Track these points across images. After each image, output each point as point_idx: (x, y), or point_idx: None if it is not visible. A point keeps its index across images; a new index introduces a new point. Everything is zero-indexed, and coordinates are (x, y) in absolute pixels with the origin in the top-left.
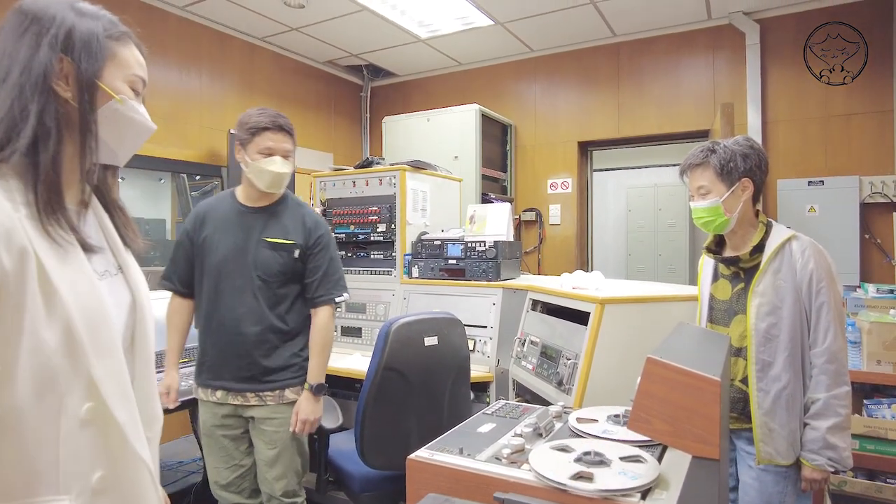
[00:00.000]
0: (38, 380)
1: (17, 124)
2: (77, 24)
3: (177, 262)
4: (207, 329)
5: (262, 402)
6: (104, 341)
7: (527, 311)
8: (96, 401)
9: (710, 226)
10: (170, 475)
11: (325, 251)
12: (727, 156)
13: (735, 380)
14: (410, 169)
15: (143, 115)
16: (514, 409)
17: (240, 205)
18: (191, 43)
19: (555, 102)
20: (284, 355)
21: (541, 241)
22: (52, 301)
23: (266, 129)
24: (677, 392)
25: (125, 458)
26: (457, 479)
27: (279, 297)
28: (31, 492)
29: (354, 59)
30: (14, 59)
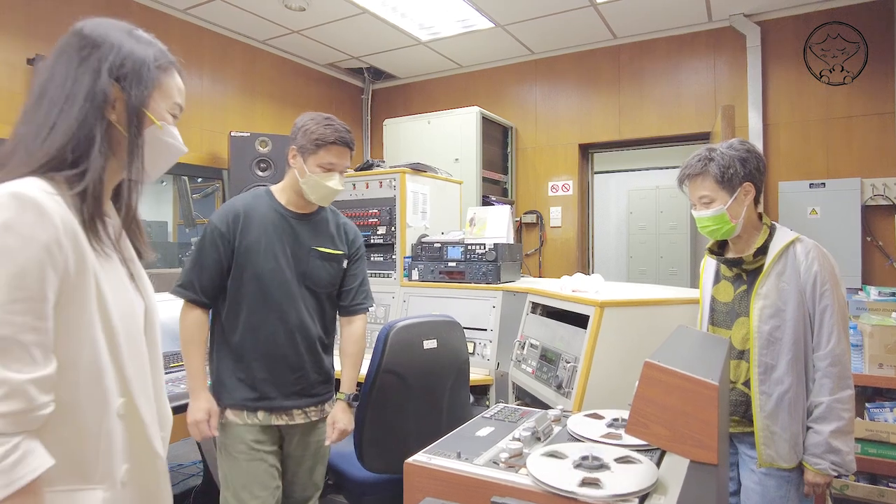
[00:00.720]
0: (92, 373)
1: (81, 148)
2: (132, 52)
3: (203, 267)
4: (250, 343)
5: (306, 419)
6: (135, 343)
7: (527, 313)
8: (128, 397)
9: (716, 234)
10: (173, 476)
11: (362, 260)
12: (726, 162)
13: (737, 383)
14: (411, 171)
15: (177, 138)
16: (512, 413)
17: (283, 208)
18: (192, 46)
19: (555, 105)
20: (326, 367)
21: (542, 244)
22: (101, 302)
23: (333, 144)
24: (675, 396)
25: (146, 453)
26: (454, 484)
27: (323, 308)
28: (73, 481)
29: (355, 61)
30: (78, 82)
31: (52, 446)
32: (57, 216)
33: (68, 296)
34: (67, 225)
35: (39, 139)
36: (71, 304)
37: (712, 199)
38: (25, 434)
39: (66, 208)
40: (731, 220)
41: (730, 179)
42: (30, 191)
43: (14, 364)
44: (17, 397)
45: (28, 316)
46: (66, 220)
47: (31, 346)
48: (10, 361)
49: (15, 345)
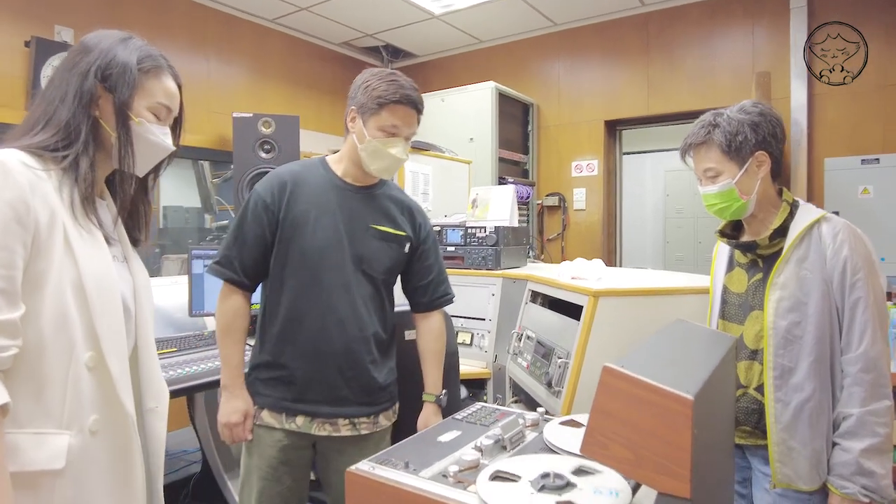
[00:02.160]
0: (56, 322)
1: (70, 137)
2: (117, 56)
3: (243, 241)
4: (290, 334)
5: (355, 432)
6: (107, 303)
7: (525, 302)
8: (96, 351)
9: (725, 212)
10: (172, 463)
11: (436, 245)
12: (733, 129)
13: (749, 387)
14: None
15: (159, 136)
16: (489, 415)
17: (339, 179)
18: (197, 26)
19: (579, 79)
20: (384, 372)
21: (564, 228)
22: (71, 259)
23: (397, 103)
24: (639, 411)
25: (115, 408)
26: (397, 499)
27: (382, 299)
28: (39, 424)
29: (370, 39)
30: (70, 83)
31: (20, 388)
32: (22, 177)
33: (37, 249)
34: (35, 186)
35: (34, 131)
36: (39, 257)
37: (719, 173)
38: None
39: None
40: (741, 197)
41: (738, 148)
42: (5, 157)
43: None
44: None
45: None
46: (34, 182)
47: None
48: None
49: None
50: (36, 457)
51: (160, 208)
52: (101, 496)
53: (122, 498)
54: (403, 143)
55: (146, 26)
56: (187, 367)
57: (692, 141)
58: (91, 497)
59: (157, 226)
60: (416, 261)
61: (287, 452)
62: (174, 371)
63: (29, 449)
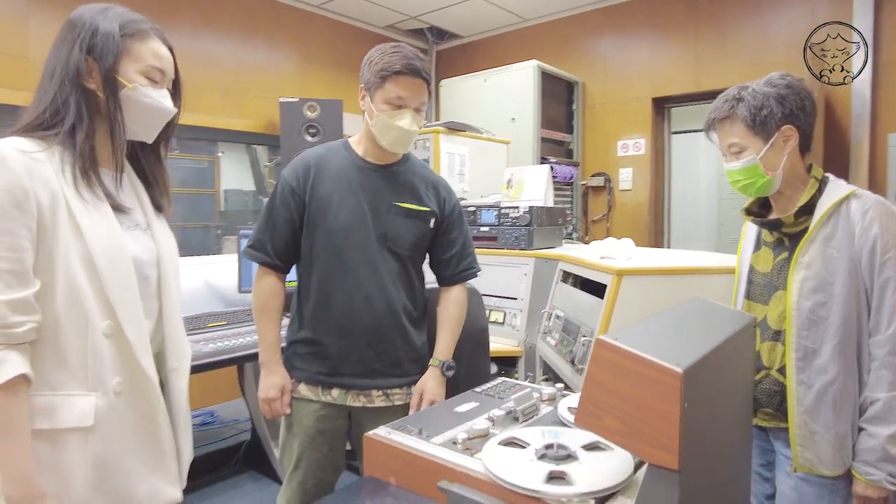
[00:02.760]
0: (69, 297)
1: (60, 112)
2: (99, 26)
3: (273, 226)
4: (322, 312)
5: (389, 402)
6: (120, 273)
7: (556, 282)
8: (113, 319)
9: (750, 189)
10: (224, 431)
11: (461, 219)
12: (758, 102)
13: (772, 369)
14: (445, 131)
15: (155, 98)
16: (508, 389)
17: (360, 159)
18: (246, 14)
19: (626, 56)
20: (416, 345)
21: (610, 209)
22: (78, 235)
23: (399, 74)
24: (630, 383)
25: (134, 370)
26: (408, 463)
27: (409, 274)
28: (68, 387)
29: (415, 21)
30: (58, 59)
31: (46, 357)
32: (17, 163)
33: (43, 230)
34: (33, 171)
35: (30, 109)
36: (45, 237)
37: (743, 148)
38: (4, 346)
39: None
40: (766, 173)
41: (763, 122)
42: (1, 147)
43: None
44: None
45: (0, 247)
46: (32, 167)
47: (5, 273)
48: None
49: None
50: (67, 416)
51: (220, 192)
52: (131, 451)
53: (151, 453)
54: (412, 115)
55: (197, 15)
56: (235, 340)
57: (715, 116)
58: (121, 452)
59: (217, 208)
60: (440, 235)
61: (323, 422)
62: (223, 343)
63: (61, 409)
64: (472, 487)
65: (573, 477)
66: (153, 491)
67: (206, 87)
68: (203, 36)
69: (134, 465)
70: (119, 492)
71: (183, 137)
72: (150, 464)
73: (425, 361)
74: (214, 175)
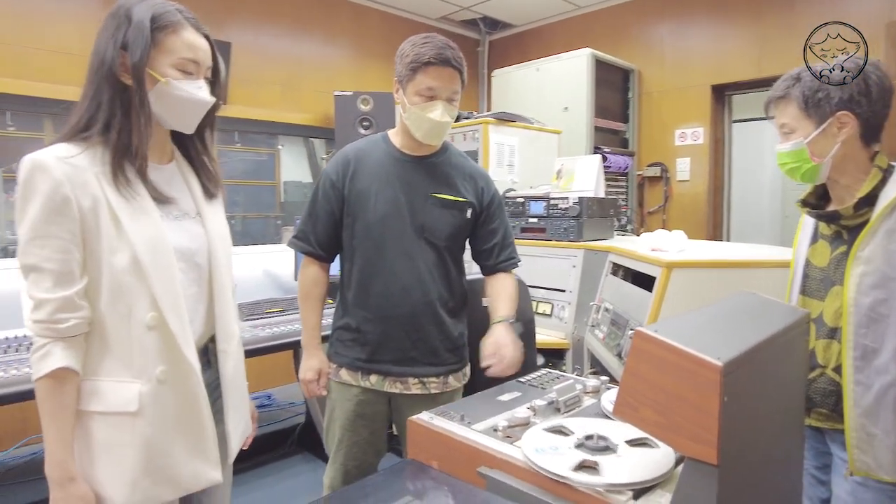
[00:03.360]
0: (113, 292)
1: (94, 112)
2: (132, 19)
3: (316, 217)
4: (362, 301)
5: (425, 390)
6: (163, 267)
7: (606, 274)
8: (157, 311)
9: (795, 174)
10: (280, 413)
11: (501, 209)
12: (815, 84)
13: (826, 367)
14: (494, 122)
15: (189, 91)
16: (552, 380)
17: (397, 152)
18: (301, 10)
19: (684, 42)
20: (452, 335)
21: (666, 200)
22: (120, 234)
23: (429, 65)
24: (669, 375)
25: (178, 359)
26: (449, 447)
27: (446, 265)
28: (116, 374)
29: (467, 12)
30: (97, 54)
31: (96, 348)
32: (57, 171)
33: (87, 232)
34: (73, 177)
35: (74, 110)
36: (90, 239)
37: (792, 129)
38: (52, 340)
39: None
40: (811, 158)
41: (817, 105)
42: (40, 156)
43: (41, 285)
44: (41, 310)
45: (46, 249)
46: (72, 175)
47: (52, 273)
48: (38, 283)
49: (40, 271)
50: (114, 400)
51: (281, 184)
52: (175, 435)
53: (193, 438)
54: (444, 106)
55: (256, 14)
56: (290, 326)
57: (773, 95)
58: (166, 436)
59: (277, 199)
60: (480, 225)
61: (363, 407)
62: (279, 328)
63: (108, 393)
64: (510, 474)
65: (605, 468)
66: (195, 473)
67: (264, 81)
68: (262, 31)
69: (178, 448)
70: (165, 472)
71: (244, 131)
72: (193, 447)
73: (463, 352)
74: (275, 167)
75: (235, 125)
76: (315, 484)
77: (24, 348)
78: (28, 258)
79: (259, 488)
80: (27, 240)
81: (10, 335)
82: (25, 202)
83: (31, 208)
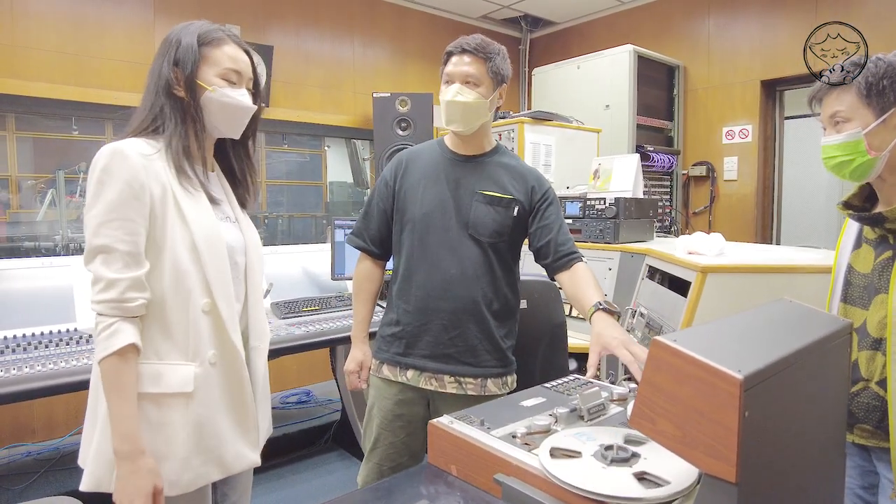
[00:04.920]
0: (174, 277)
1: (157, 119)
2: (182, 40)
3: (370, 216)
4: (404, 293)
5: (461, 391)
6: (217, 257)
7: (642, 278)
8: (210, 297)
9: (844, 169)
10: (317, 410)
11: (555, 207)
12: (880, 70)
13: (871, 381)
14: (529, 121)
15: (234, 97)
16: (578, 386)
17: (448, 151)
18: (342, 13)
19: (732, 36)
20: (495, 336)
21: (712, 200)
22: (183, 223)
23: (450, 55)
24: (687, 387)
25: (226, 343)
26: (468, 452)
27: (490, 263)
28: (173, 357)
29: (508, 10)
30: (154, 73)
31: (155, 331)
32: (135, 160)
33: (154, 218)
34: (148, 167)
35: (137, 115)
36: (156, 224)
37: (847, 119)
38: (120, 318)
39: (159, 158)
40: (868, 152)
41: (880, 94)
42: (121, 146)
43: (112, 265)
44: (112, 290)
45: (119, 231)
46: (147, 164)
47: (124, 254)
48: (109, 263)
49: (112, 252)
50: (172, 381)
51: (327, 183)
52: (223, 416)
53: (239, 420)
54: (458, 87)
55: (298, 18)
56: (327, 324)
57: (827, 81)
58: (215, 416)
59: (324, 199)
60: (533, 223)
61: (402, 406)
62: (316, 326)
63: (167, 375)
64: (526, 482)
65: (623, 480)
66: (239, 454)
67: (307, 83)
68: (304, 35)
69: (225, 429)
70: (213, 451)
71: (286, 132)
72: (237, 429)
73: (506, 358)
74: (322, 167)
75: (278, 127)
76: (348, 482)
77: (83, 340)
78: (100, 239)
79: (293, 484)
80: (101, 222)
81: (67, 328)
82: (102, 186)
83: (107, 191)
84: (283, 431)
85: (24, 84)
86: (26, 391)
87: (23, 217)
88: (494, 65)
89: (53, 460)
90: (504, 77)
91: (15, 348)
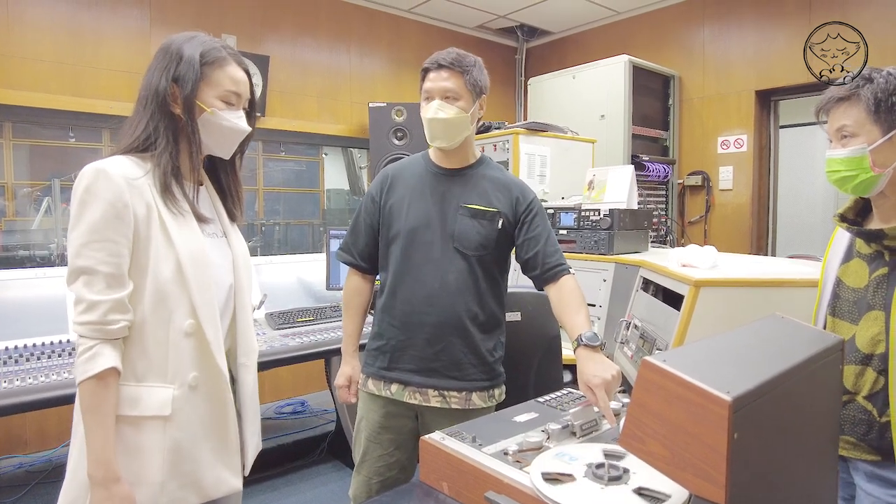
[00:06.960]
0: (155, 298)
1: (151, 137)
2: (184, 55)
3: (357, 231)
4: (389, 307)
5: (445, 404)
6: (203, 279)
7: (636, 290)
8: (195, 319)
9: (847, 184)
10: (312, 421)
11: (541, 218)
12: (890, 86)
13: (858, 395)
14: (524, 132)
15: (231, 121)
16: (572, 401)
17: (433, 165)
18: (341, 23)
19: (727, 46)
20: (480, 349)
21: (708, 210)
22: (168, 243)
23: (427, 72)
24: (676, 409)
25: (210, 366)
26: (459, 469)
27: (475, 275)
28: (151, 379)
29: (504, 20)
30: (150, 86)
31: (134, 352)
32: (121, 180)
33: (138, 238)
34: (133, 186)
35: (129, 132)
36: (140, 245)
37: (853, 134)
38: (101, 341)
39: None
40: (872, 168)
41: (889, 110)
42: (105, 165)
43: (94, 287)
44: (93, 312)
45: (102, 252)
46: (133, 184)
47: (106, 275)
48: (91, 285)
49: (94, 273)
50: (149, 404)
51: (324, 191)
52: (202, 441)
53: (219, 445)
54: (438, 103)
55: (294, 28)
56: (322, 335)
57: (836, 94)
58: (194, 440)
59: (321, 206)
60: (520, 235)
61: (389, 419)
62: (310, 337)
63: (144, 398)
64: (517, 500)
65: (613, 499)
66: (219, 479)
67: (303, 93)
68: (301, 45)
69: (204, 453)
70: (190, 476)
71: (282, 142)
72: (218, 454)
73: (493, 371)
74: (319, 175)
75: (275, 136)
76: (343, 493)
77: (66, 354)
78: (82, 260)
79: (288, 495)
80: (83, 243)
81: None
82: (84, 206)
83: (90, 212)
84: (277, 442)
85: (20, 94)
86: (19, 404)
87: (18, 225)
88: (472, 77)
89: (46, 472)
90: (482, 88)
91: (7, 360)
